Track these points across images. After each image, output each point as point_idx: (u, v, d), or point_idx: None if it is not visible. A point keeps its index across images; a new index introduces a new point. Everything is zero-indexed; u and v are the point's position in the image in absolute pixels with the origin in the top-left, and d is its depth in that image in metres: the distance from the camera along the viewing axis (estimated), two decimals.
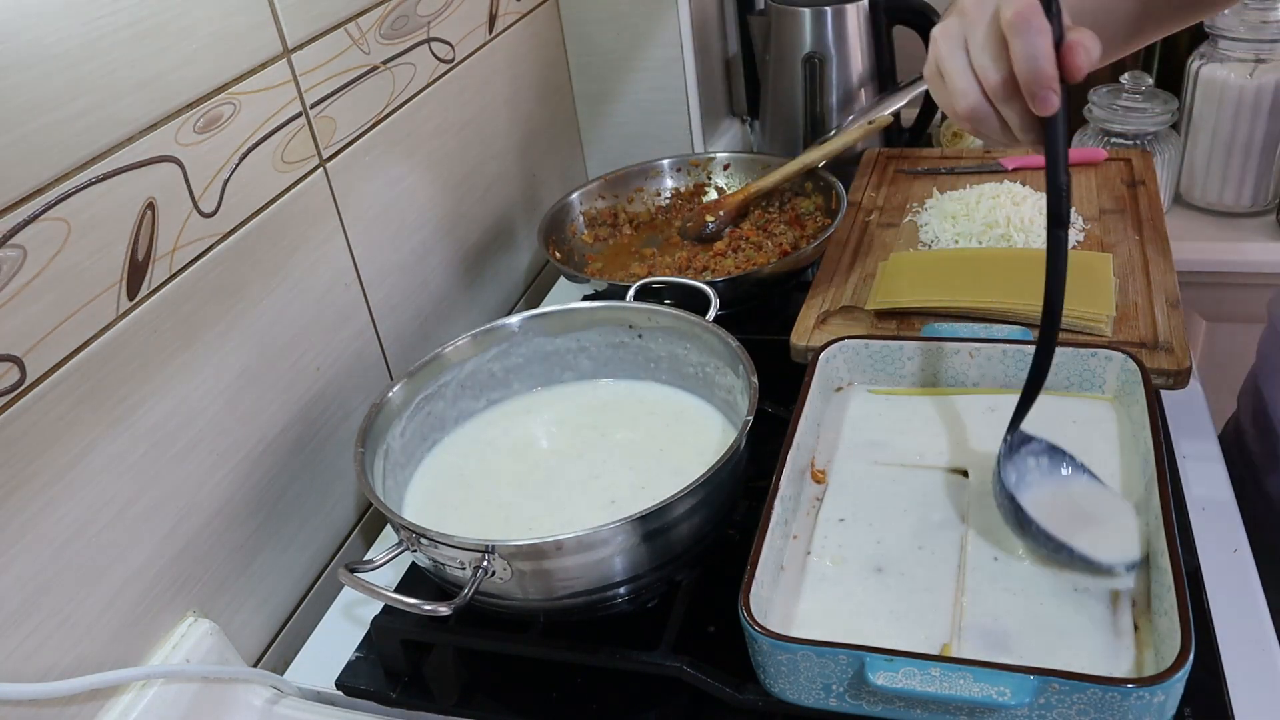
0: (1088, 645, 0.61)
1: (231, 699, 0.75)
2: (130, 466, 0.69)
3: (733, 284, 1.00)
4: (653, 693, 0.73)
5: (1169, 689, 0.54)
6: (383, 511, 0.72)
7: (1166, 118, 1.28)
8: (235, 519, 0.80)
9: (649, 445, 0.87)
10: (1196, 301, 1.37)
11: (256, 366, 0.81)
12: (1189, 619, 0.56)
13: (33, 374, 0.62)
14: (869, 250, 1.08)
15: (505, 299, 1.24)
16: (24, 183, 0.60)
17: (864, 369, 0.85)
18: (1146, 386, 0.75)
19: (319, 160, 0.87)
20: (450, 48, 1.06)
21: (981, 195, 1.10)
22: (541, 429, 0.90)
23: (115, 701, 0.69)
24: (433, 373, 0.88)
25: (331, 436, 0.91)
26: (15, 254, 0.60)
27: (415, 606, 0.67)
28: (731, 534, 0.78)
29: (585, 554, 0.68)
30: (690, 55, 1.29)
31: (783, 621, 0.65)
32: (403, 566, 0.84)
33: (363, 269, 0.94)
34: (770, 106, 1.38)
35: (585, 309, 0.93)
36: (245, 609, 0.82)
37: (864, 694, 0.59)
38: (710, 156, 1.26)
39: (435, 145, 1.05)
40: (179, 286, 0.72)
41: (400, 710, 0.76)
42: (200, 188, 0.74)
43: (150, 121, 0.69)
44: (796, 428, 0.75)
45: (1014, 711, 0.56)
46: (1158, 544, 0.63)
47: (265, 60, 0.79)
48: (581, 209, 1.21)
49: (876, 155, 1.29)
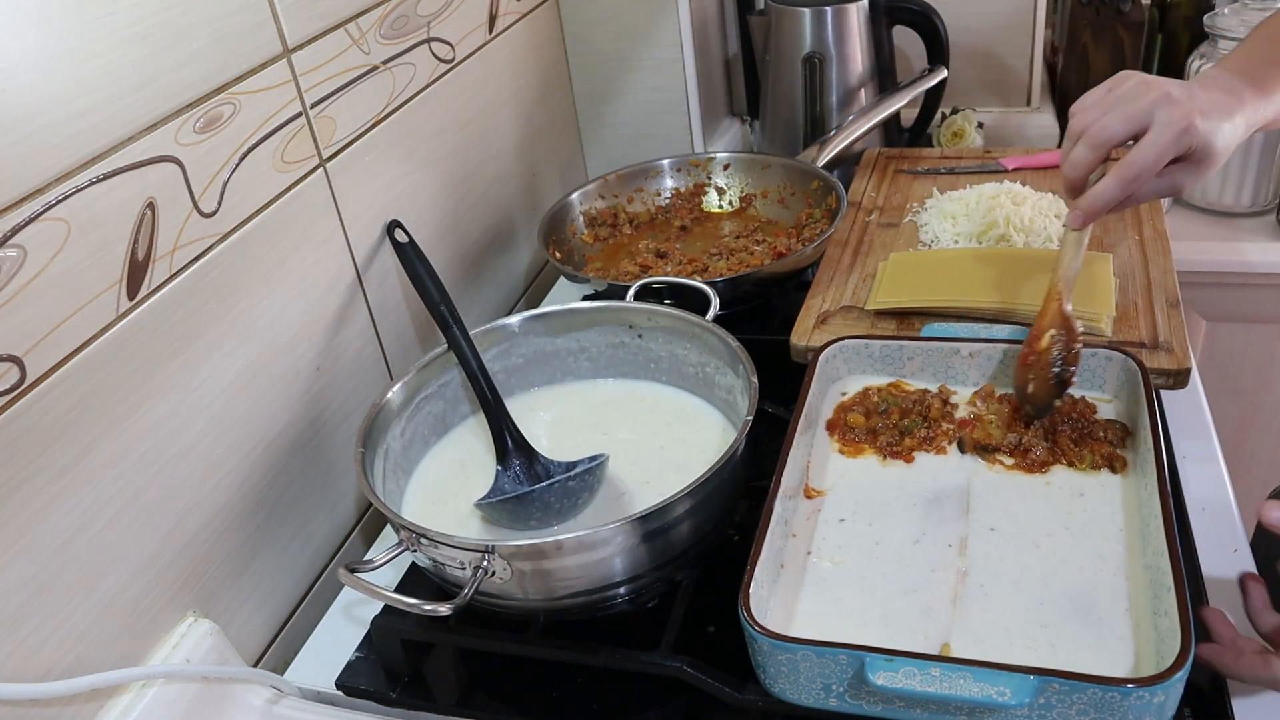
0: (1088, 645, 0.61)
1: (231, 699, 0.75)
2: (130, 466, 0.69)
3: (733, 284, 1.00)
4: (653, 693, 0.73)
5: (1169, 689, 0.54)
6: (383, 511, 0.72)
7: None
8: (235, 519, 0.80)
9: (650, 444, 0.87)
10: (1196, 301, 1.37)
11: (256, 366, 0.81)
12: (1189, 619, 0.56)
13: (33, 374, 0.62)
14: (869, 250, 1.08)
15: (505, 299, 1.24)
16: (24, 183, 0.60)
17: (864, 369, 0.86)
18: (1146, 386, 0.75)
19: (319, 160, 0.87)
20: (450, 48, 1.06)
21: (981, 195, 1.10)
22: (542, 428, 0.90)
23: (115, 701, 0.69)
24: (433, 373, 0.88)
25: (331, 436, 0.91)
26: (15, 254, 0.60)
27: (415, 606, 0.67)
28: (731, 534, 0.79)
29: (585, 554, 0.68)
30: (690, 55, 1.29)
31: (782, 621, 0.65)
32: (403, 566, 0.84)
33: (363, 269, 0.94)
34: (770, 106, 1.38)
35: (585, 309, 0.93)
36: (245, 609, 0.82)
37: (864, 694, 0.59)
38: (710, 156, 1.26)
39: (435, 145, 1.05)
40: (179, 286, 0.72)
41: (400, 710, 0.76)
42: (200, 188, 0.74)
43: (150, 121, 0.69)
44: (796, 428, 0.75)
45: (1014, 711, 0.56)
46: (1158, 544, 0.63)
47: (265, 60, 0.79)
48: (581, 209, 1.21)
49: (876, 155, 1.29)
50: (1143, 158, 0.73)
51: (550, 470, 0.84)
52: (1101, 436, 0.76)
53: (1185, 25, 1.42)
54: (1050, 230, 1.03)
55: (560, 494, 0.78)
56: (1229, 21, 1.26)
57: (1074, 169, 0.77)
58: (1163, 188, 0.76)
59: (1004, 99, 1.46)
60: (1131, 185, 0.74)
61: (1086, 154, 0.76)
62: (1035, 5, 1.38)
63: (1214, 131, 0.73)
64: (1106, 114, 0.75)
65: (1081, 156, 0.76)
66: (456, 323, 0.88)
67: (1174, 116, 0.72)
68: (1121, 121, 0.74)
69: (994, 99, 1.47)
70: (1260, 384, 1.43)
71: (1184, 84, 0.75)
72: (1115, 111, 0.75)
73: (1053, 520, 0.71)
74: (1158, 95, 0.73)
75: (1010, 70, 1.44)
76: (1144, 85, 0.75)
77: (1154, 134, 0.72)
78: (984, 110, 1.45)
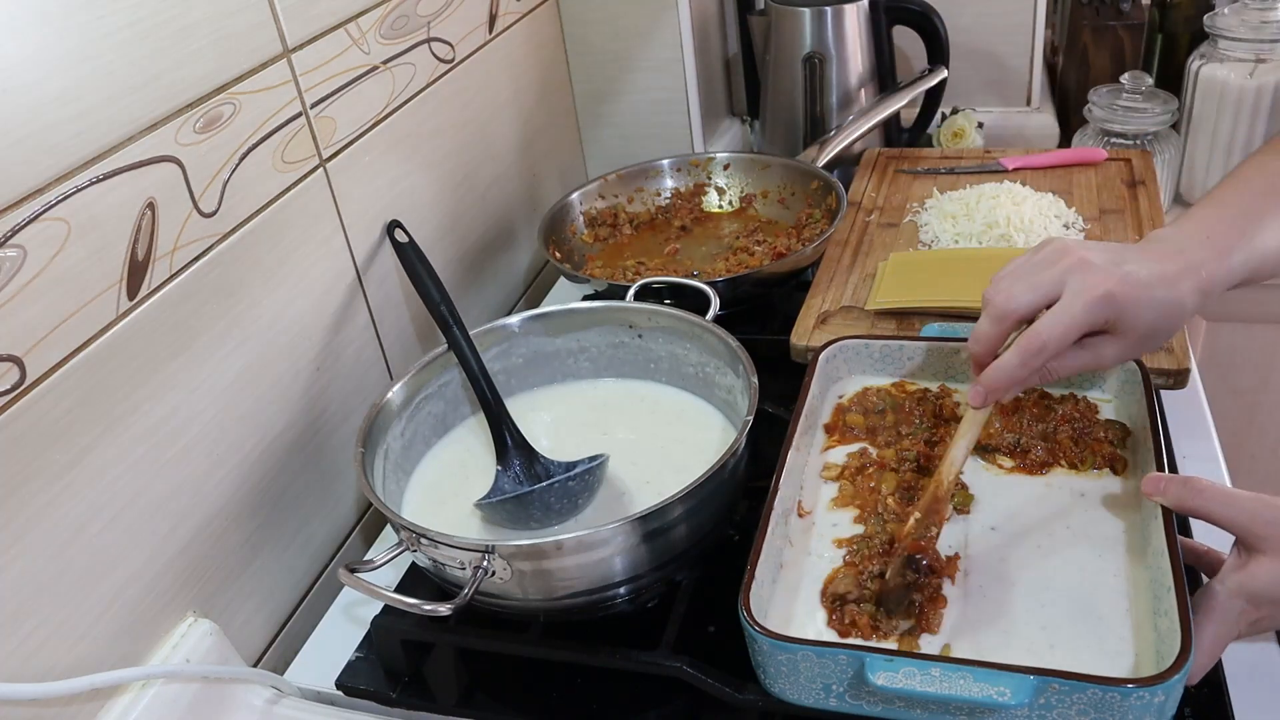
0: (1088, 645, 0.61)
1: (231, 699, 0.75)
2: (130, 466, 0.69)
3: (732, 284, 1.00)
4: (653, 693, 0.73)
5: (1169, 689, 0.54)
6: (383, 511, 0.72)
7: (1166, 118, 1.28)
8: (235, 519, 0.80)
9: (650, 444, 0.87)
10: None
11: (256, 366, 0.81)
12: (1189, 619, 0.56)
13: (33, 374, 0.62)
14: (869, 250, 1.08)
15: (505, 299, 1.24)
16: (24, 183, 0.60)
17: (864, 369, 0.85)
18: (1146, 386, 0.75)
19: (319, 160, 0.87)
20: (450, 48, 1.06)
21: (981, 195, 1.10)
22: (542, 428, 0.90)
23: (115, 701, 0.69)
24: (433, 373, 0.88)
25: (331, 436, 0.91)
26: (15, 254, 0.60)
27: (415, 606, 0.67)
28: (731, 534, 0.79)
29: (585, 554, 0.68)
30: (690, 55, 1.29)
31: (782, 621, 0.65)
32: (403, 566, 0.84)
33: (363, 269, 0.94)
34: (770, 106, 1.38)
35: (585, 309, 0.93)
36: (245, 609, 0.82)
37: (864, 694, 0.59)
38: (710, 156, 1.26)
39: (435, 145, 1.05)
40: (179, 286, 0.72)
41: (400, 710, 0.76)
42: (200, 188, 0.74)
43: (150, 121, 0.69)
44: (796, 428, 0.75)
45: (1014, 711, 0.56)
46: (1158, 544, 0.63)
47: (265, 60, 0.79)
48: (581, 209, 1.21)
49: (876, 155, 1.29)
50: (1047, 329, 0.64)
51: (550, 470, 0.84)
52: (1101, 437, 0.75)
53: (1185, 25, 1.42)
54: (1050, 230, 1.03)
55: (560, 494, 0.78)
56: (1229, 21, 1.26)
57: (977, 343, 0.69)
58: (1085, 362, 0.67)
59: (1004, 99, 1.46)
60: (1035, 359, 0.65)
61: (989, 328, 0.68)
62: (1035, 5, 1.38)
63: (1139, 301, 0.64)
64: (1015, 283, 0.67)
65: (984, 330, 0.68)
66: (456, 323, 0.88)
67: (1086, 284, 0.64)
68: (1027, 291, 0.66)
69: (994, 99, 1.47)
70: (1260, 384, 1.43)
71: (1116, 248, 0.67)
72: (1023, 280, 0.67)
73: (1053, 520, 0.71)
74: (1072, 261, 0.65)
75: (1010, 70, 1.44)
76: (1060, 251, 0.67)
77: (1062, 304, 0.65)
78: (984, 110, 1.45)
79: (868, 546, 0.69)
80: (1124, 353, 0.67)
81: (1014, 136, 1.45)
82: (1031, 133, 1.45)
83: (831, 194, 1.13)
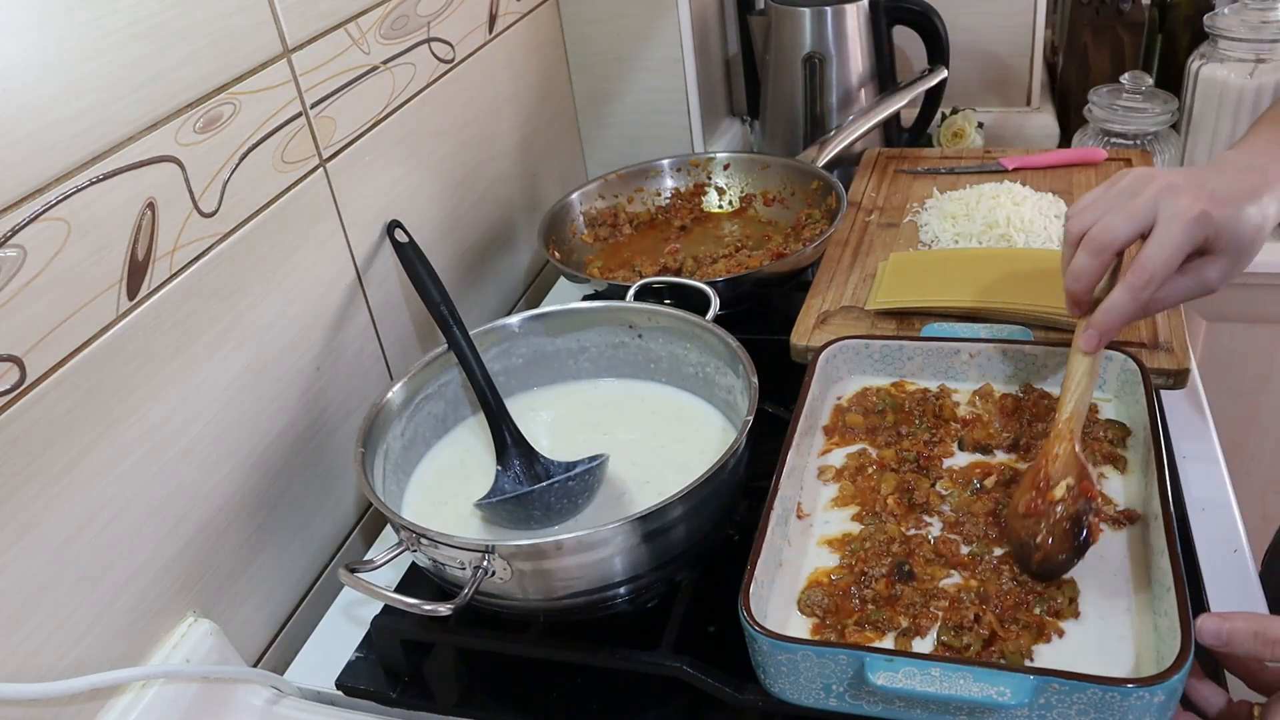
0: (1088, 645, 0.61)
1: (231, 699, 0.75)
2: (130, 466, 0.69)
3: (732, 284, 1.00)
4: (653, 693, 0.73)
5: (1169, 689, 0.54)
6: (383, 511, 0.72)
7: (1166, 118, 1.28)
8: (235, 519, 0.80)
9: (650, 444, 0.87)
10: (1196, 301, 1.37)
11: (256, 366, 0.81)
12: (1189, 619, 0.56)
13: (33, 374, 0.62)
14: (869, 250, 1.08)
15: (505, 299, 1.24)
16: (24, 183, 0.60)
17: (864, 369, 0.85)
18: (1146, 386, 0.75)
19: (319, 160, 0.87)
20: (450, 48, 1.06)
21: (981, 195, 1.10)
22: (542, 428, 0.90)
23: (115, 701, 0.69)
24: (433, 373, 0.88)
25: (331, 436, 0.91)
26: (15, 254, 0.60)
27: (415, 606, 0.67)
28: (731, 534, 0.79)
29: (585, 554, 0.68)
30: (690, 55, 1.29)
31: (782, 621, 0.65)
32: (403, 566, 0.84)
33: (363, 269, 0.94)
34: (770, 106, 1.38)
35: (585, 309, 0.93)
36: (245, 609, 0.82)
37: (864, 694, 0.59)
38: (710, 156, 1.26)
39: (435, 145, 1.05)
40: (179, 286, 0.72)
41: (400, 710, 0.76)
42: (200, 188, 0.74)
43: (150, 121, 0.69)
44: (796, 428, 0.75)
45: (1014, 711, 0.56)
46: (1158, 544, 0.63)
47: (265, 60, 0.79)
48: (581, 209, 1.21)
49: (876, 155, 1.29)
50: (1152, 259, 0.64)
51: (550, 470, 0.84)
52: (1101, 436, 0.75)
53: (1185, 25, 1.42)
54: (1050, 230, 1.03)
55: (560, 494, 0.78)
56: (1229, 21, 1.26)
57: (1077, 280, 0.67)
58: (1189, 288, 0.67)
59: (1004, 99, 1.46)
60: (1145, 291, 0.64)
61: (1089, 261, 0.67)
62: (1035, 5, 1.38)
63: (1234, 217, 0.64)
64: (1106, 214, 0.66)
65: (1084, 265, 0.67)
66: (456, 323, 0.88)
67: (1180, 207, 0.63)
68: (1124, 220, 0.65)
69: (994, 99, 1.47)
70: (1260, 384, 1.43)
71: (1193, 170, 0.68)
72: (1116, 210, 0.66)
73: None
74: (1160, 186, 0.65)
75: (1010, 70, 1.44)
76: (1143, 178, 0.67)
77: (1159, 231, 0.64)
78: (984, 110, 1.45)
79: (863, 548, 0.69)
80: (1225, 271, 0.66)
81: (1014, 136, 1.45)
82: (1031, 133, 1.45)
83: (831, 194, 1.13)
